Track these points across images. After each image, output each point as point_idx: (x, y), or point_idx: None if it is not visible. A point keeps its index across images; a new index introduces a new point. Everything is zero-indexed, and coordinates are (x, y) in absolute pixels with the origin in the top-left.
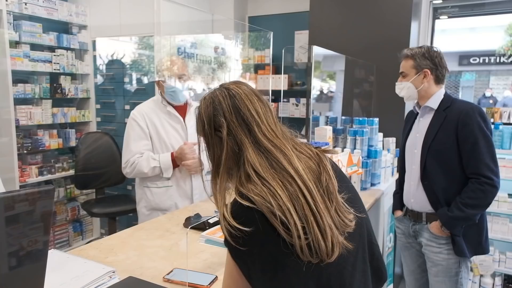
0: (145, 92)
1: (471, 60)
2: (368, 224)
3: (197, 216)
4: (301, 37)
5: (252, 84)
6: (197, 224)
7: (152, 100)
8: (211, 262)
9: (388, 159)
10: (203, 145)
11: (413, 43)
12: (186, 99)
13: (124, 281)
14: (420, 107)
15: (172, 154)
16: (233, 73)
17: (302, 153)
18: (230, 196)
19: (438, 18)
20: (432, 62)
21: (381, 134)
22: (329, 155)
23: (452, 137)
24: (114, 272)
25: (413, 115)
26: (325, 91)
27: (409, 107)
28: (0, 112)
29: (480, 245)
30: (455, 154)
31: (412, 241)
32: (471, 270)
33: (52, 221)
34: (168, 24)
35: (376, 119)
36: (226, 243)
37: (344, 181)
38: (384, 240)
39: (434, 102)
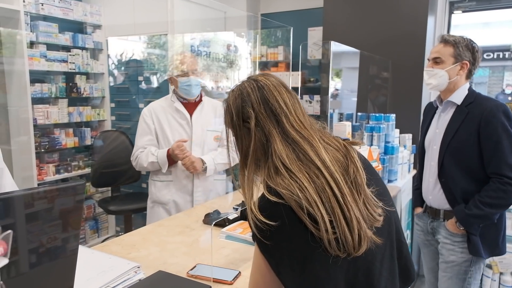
0: (159, 91)
1: (485, 56)
2: (397, 221)
3: (217, 212)
4: (315, 33)
5: None
6: (218, 220)
7: (164, 97)
8: (233, 258)
9: (404, 155)
10: (231, 137)
11: (429, 39)
12: (198, 94)
13: (154, 275)
14: (441, 101)
15: (168, 150)
16: (243, 71)
17: (329, 144)
18: (258, 189)
19: (453, 12)
20: (472, 56)
21: (397, 131)
22: (356, 148)
23: (473, 135)
24: (139, 267)
25: (432, 109)
26: (338, 88)
27: (425, 102)
28: (18, 112)
29: (497, 247)
30: (476, 153)
31: (431, 239)
32: (491, 268)
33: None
34: (181, 22)
35: (393, 115)
36: (254, 237)
37: (372, 173)
38: None
39: (459, 97)
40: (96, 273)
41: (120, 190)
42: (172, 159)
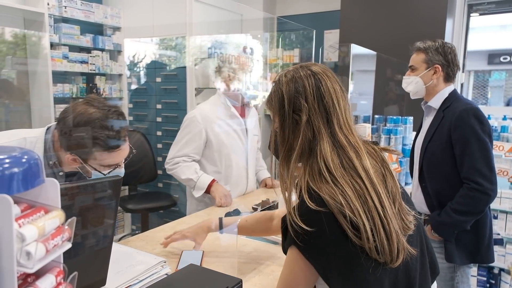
0: (176, 92)
1: (501, 59)
2: (421, 221)
3: (237, 211)
4: (331, 36)
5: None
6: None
7: (213, 101)
8: (254, 255)
9: None
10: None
11: (448, 41)
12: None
13: (186, 268)
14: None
15: (213, 180)
16: (256, 73)
17: (368, 153)
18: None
19: (471, 15)
20: (444, 58)
21: (414, 134)
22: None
23: (445, 139)
24: (165, 262)
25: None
26: (351, 90)
27: None
28: (41, 111)
29: (479, 254)
30: (449, 157)
31: None
32: (509, 273)
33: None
34: (199, 24)
35: (411, 118)
36: (293, 243)
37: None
38: None
39: (436, 101)
40: (125, 266)
41: (137, 189)
42: (209, 189)
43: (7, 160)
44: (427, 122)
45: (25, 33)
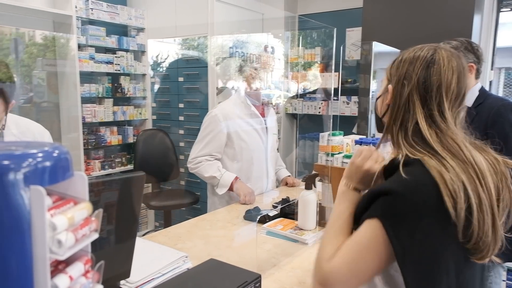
0: (198, 91)
1: None
2: None
3: (257, 209)
4: (353, 34)
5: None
6: (259, 216)
7: (234, 100)
8: (274, 252)
9: None
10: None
11: (475, 38)
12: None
13: (206, 262)
14: None
15: (236, 178)
16: (277, 72)
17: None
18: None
19: (501, 10)
20: (475, 55)
21: None
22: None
23: (479, 137)
24: (186, 257)
25: None
26: (373, 89)
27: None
28: (69, 110)
29: None
30: None
31: None
32: None
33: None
34: (220, 24)
35: None
36: (382, 217)
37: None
38: None
39: (469, 99)
40: (149, 260)
41: (160, 187)
42: (233, 186)
43: (39, 155)
44: None
45: (54, 35)
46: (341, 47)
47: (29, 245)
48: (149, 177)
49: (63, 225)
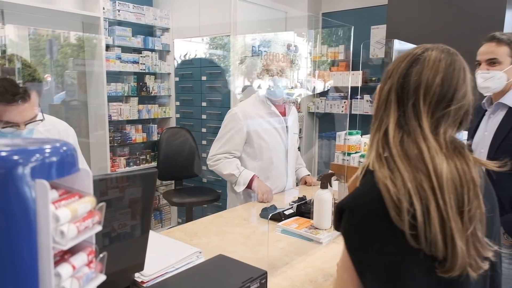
0: (221, 90)
1: None
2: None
3: (273, 207)
4: (377, 32)
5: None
6: (274, 214)
7: (254, 98)
8: (288, 250)
9: None
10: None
11: None
12: (283, 96)
13: (215, 258)
14: (491, 103)
15: (254, 176)
16: (300, 70)
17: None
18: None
19: None
20: None
21: (465, 133)
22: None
23: None
24: (200, 252)
25: (481, 111)
26: None
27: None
28: (96, 109)
29: None
30: None
31: None
32: None
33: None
34: (243, 23)
35: None
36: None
37: (493, 204)
38: None
39: (510, 98)
40: (163, 254)
41: (183, 184)
42: (251, 184)
43: (47, 150)
44: (494, 121)
45: (85, 36)
46: (361, 45)
47: (35, 234)
48: (172, 174)
49: (66, 217)
